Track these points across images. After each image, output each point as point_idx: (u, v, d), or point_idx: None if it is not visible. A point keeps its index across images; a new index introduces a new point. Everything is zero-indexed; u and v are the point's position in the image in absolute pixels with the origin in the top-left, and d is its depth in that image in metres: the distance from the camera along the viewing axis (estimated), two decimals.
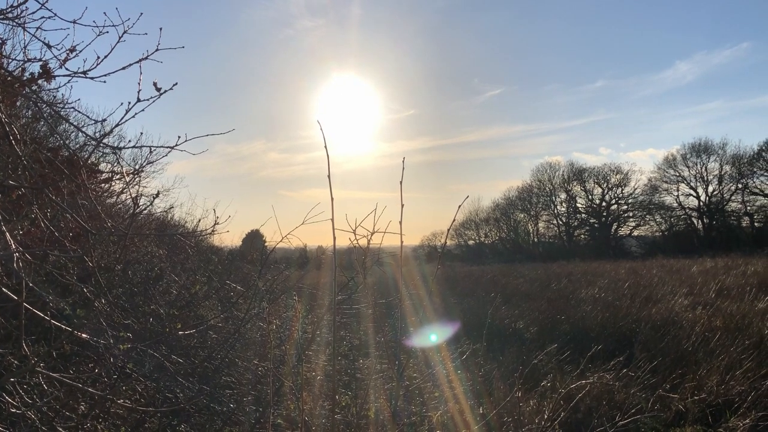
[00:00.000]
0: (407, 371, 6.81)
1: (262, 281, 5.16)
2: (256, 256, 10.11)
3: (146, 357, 4.08)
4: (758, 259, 25.58)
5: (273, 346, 4.85)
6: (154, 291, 6.54)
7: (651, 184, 57.12)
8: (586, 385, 6.62)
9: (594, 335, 9.91)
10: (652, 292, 15.13)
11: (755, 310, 11.43)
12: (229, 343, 4.79)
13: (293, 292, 7.33)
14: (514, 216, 65.04)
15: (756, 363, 7.48)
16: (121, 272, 6.29)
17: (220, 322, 5.56)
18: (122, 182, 6.42)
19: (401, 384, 5.86)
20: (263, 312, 4.83)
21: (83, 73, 3.42)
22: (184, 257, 8.87)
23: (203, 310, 6.54)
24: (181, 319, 5.73)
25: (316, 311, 8.18)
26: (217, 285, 6.33)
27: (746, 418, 5.99)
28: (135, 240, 7.09)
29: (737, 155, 52.73)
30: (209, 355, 4.75)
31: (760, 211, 53.03)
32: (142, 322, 5.42)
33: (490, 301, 14.08)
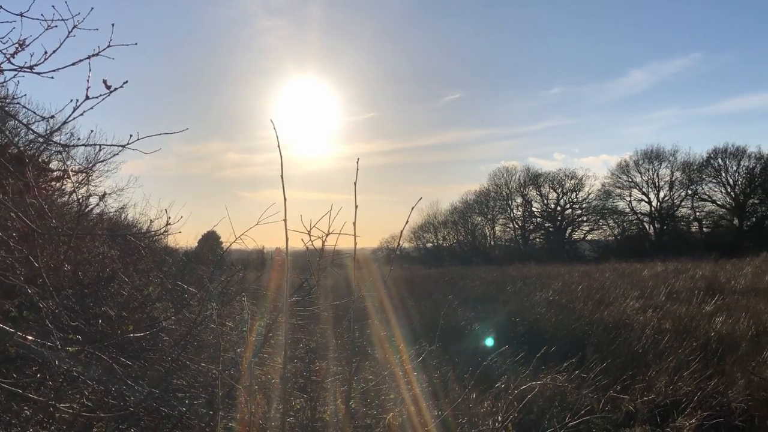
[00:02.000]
0: (364, 373, 6.80)
1: (215, 283, 5.08)
2: (211, 258, 9.96)
3: (95, 360, 3.97)
4: (706, 264, 26.36)
5: (226, 349, 4.78)
6: (106, 292, 6.38)
7: (604, 190, 58.38)
8: (539, 386, 6.71)
9: (548, 337, 10.06)
10: (605, 295, 15.44)
11: (703, 312, 11.77)
12: (181, 346, 4.70)
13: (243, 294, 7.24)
14: (472, 219, 65.63)
15: (702, 364, 7.70)
16: (71, 273, 6.12)
17: (173, 324, 5.45)
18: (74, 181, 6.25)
19: (357, 386, 5.84)
20: (218, 313, 4.76)
21: (29, 68, 3.32)
22: (136, 258, 8.68)
23: (156, 311, 6.41)
24: (132, 321, 5.61)
25: (271, 313, 8.09)
26: (171, 287, 6.21)
27: (692, 417, 6.16)
28: (86, 240, 6.91)
29: (687, 162, 54.33)
30: (160, 358, 4.65)
31: (708, 217, 54.74)
32: (93, 325, 5.28)
33: (446, 303, 14.16)
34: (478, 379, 7.22)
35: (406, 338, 9.02)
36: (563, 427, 3.59)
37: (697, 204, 54.47)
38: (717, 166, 52.76)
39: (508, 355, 8.52)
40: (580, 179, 59.53)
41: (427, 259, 62.11)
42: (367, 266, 19.05)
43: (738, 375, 7.16)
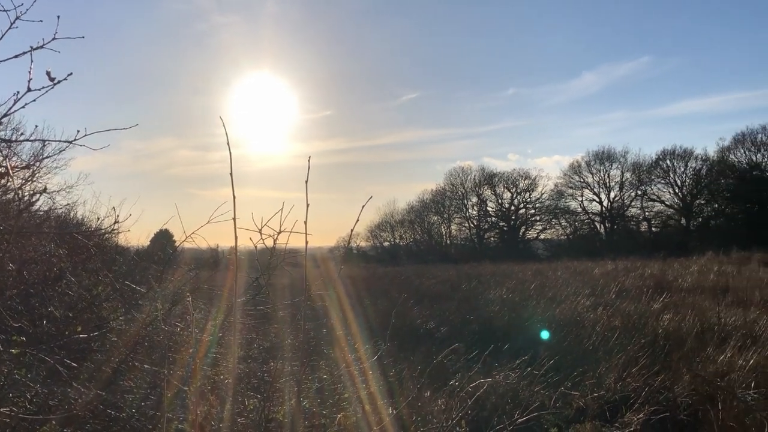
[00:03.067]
0: (318, 372, 6.77)
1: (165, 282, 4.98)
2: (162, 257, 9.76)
3: (39, 362, 3.85)
4: (655, 262, 27.12)
5: (176, 349, 4.69)
6: (53, 292, 6.19)
7: (557, 190, 59.54)
8: (492, 384, 6.79)
9: (501, 335, 10.18)
10: (557, 292, 15.72)
11: (651, 310, 12.10)
12: (130, 346, 4.59)
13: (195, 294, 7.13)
14: (428, 218, 66.07)
15: (650, 360, 7.91)
16: (16, 273, 5.92)
17: (122, 325, 5.32)
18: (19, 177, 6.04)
19: (311, 385, 5.81)
20: (167, 314, 4.66)
21: None
22: (86, 257, 8.45)
23: (104, 312, 6.25)
24: (80, 322, 5.45)
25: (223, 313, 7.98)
26: (119, 286, 6.06)
27: (640, 412, 6.32)
28: (32, 239, 6.69)
29: (637, 163, 55.86)
30: (108, 359, 4.54)
31: (657, 217, 56.39)
32: (38, 326, 5.12)
33: (402, 302, 14.21)
34: (433, 377, 7.27)
35: (361, 337, 9.01)
36: (512, 423, 3.64)
37: (646, 204, 56.08)
38: (665, 168, 54.42)
39: (462, 353, 8.60)
40: (534, 179, 60.63)
41: (384, 258, 62.26)
42: (324, 265, 18.99)
43: (683, 370, 7.37)
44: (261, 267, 2.90)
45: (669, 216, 56.04)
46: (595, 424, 6.51)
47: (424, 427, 5.23)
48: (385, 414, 5.14)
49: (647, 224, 56.69)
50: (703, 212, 54.44)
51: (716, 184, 52.62)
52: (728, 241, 36.51)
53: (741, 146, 52.41)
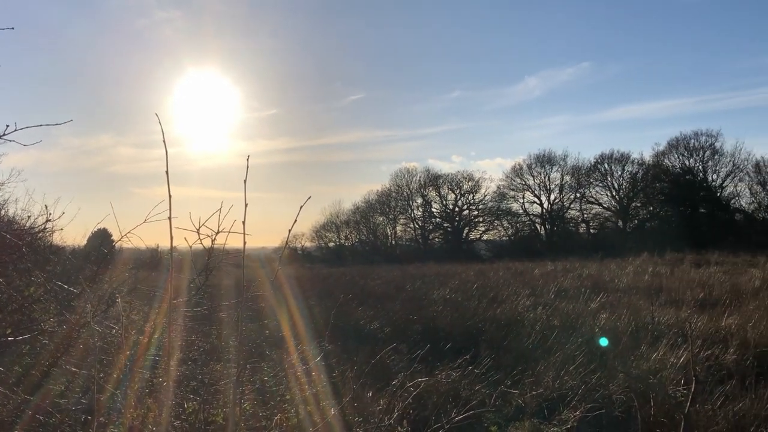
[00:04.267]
0: (260, 374, 6.68)
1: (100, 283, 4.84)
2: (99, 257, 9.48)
3: None
4: (592, 263, 27.89)
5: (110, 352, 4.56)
6: None
7: (499, 192, 60.58)
8: (434, 383, 6.85)
9: (444, 334, 10.28)
10: (498, 293, 15.99)
11: (588, 309, 12.41)
12: (62, 349, 4.44)
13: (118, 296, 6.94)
14: (374, 219, 66.18)
15: (587, 359, 8.10)
16: None
17: (54, 327, 5.14)
18: None
19: (252, 387, 5.74)
20: (102, 315, 4.53)
21: None
22: (17, 257, 8.12)
23: (36, 313, 6.02)
24: (10, 324, 5.24)
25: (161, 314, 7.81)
26: (50, 287, 5.84)
27: (576, 410, 6.47)
28: None
29: (576, 166, 57.38)
30: (37, 362, 4.38)
31: (595, 219, 58.07)
32: None
33: (346, 302, 14.18)
34: (376, 376, 7.28)
35: (305, 337, 8.95)
36: (449, 422, 3.69)
37: (585, 206, 57.72)
38: (603, 171, 56.10)
39: (405, 353, 8.64)
40: (477, 181, 61.52)
41: (329, 258, 62.05)
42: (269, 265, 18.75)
43: (618, 368, 7.59)
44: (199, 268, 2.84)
45: (606, 218, 57.77)
46: (534, 421, 6.64)
47: (366, 427, 5.23)
48: (326, 414, 5.12)
49: (586, 226, 58.35)
50: (638, 214, 56.33)
51: (651, 187, 54.50)
52: (662, 242, 37.84)
53: (675, 151, 54.53)
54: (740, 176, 52.28)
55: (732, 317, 10.65)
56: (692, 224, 49.22)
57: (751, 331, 9.23)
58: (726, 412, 6.13)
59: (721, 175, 53.21)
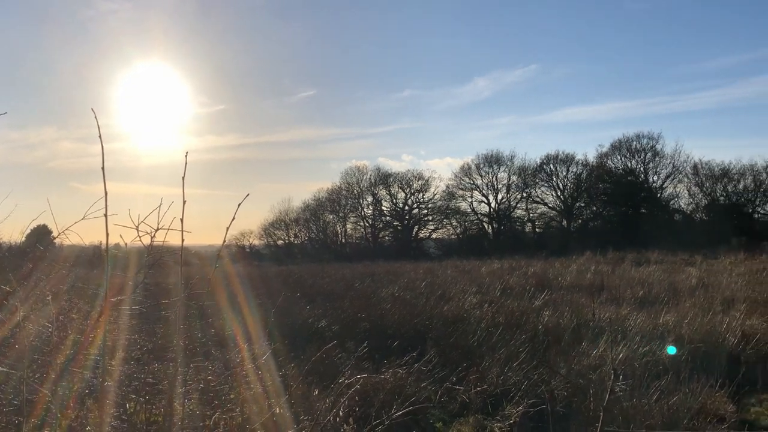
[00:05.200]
0: (204, 373, 6.58)
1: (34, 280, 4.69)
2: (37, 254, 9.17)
3: None
4: (537, 261, 28.46)
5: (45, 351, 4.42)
6: None
7: (448, 191, 61.15)
8: (381, 380, 6.88)
9: (391, 332, 10.31)
10: (446, 290, 16.15)
11: (532, 307, 12.66)
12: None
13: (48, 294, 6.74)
14: (324, 217, 65.92)
15: (530, 355, 8.26)
16: None
17: None
18: None
19: (196, 386, 5.65)
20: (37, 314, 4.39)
21: None
22: None
23: None
24: None
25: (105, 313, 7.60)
26: None
27: (519, 405, 6.61)
28: None
29: (523, 167, 58.44)
30: None
31: (540, 218, 59.25)
32: None
33: (294, 301, 14.10)
34: (323, 374, 7.27)
35: (251, 336, 8.86)
36: (389, 418, 3.72)
37: (531, 206, 58.85)
38: (549, 172, 57.29)
39: (352, 351, 8.65)
40: (427, 180, 61.95)
41: (278, 257, 61.51)
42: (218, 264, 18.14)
43: (560, 364, 7.78)
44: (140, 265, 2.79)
45: (551, 217, 59.01)
46: (478, 417, 6.75)
47: (312, 424, 5.22)
48: (271, 413, 5.09)
49: (531, 225, 59.48)
50: (582, 214, 57.74)
51: (595, 187, 55.93)
52: (605, 241, 38.98)
53: (618, 153, 56.08)
54: (679, 178, 54.27)
55: (669, 314, 11.03)
56: (633, 224, 50.75)
57: (686, 327, 9.59)
58: (661, 406, 6.36)
59: (661, 177, 55.09)
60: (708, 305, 12.17)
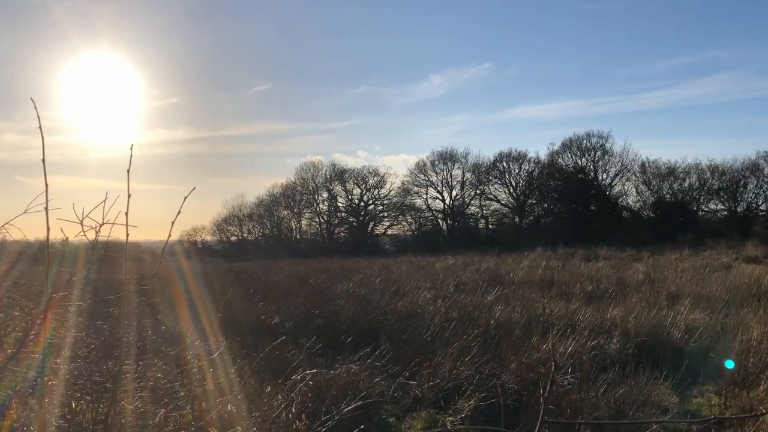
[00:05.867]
0: (153, 371, 6.47)
1: None
2: None
3: None
4: (490, 257, 28.86)
5: None
6: None
7: (404, 187, 61.34)
8: (334, 376, 6.88)
9: (345, 328, 10.33)
10: (401, 286, 16.22)
11: (485, 302, 12.82)
12: None
13: None
14: (278, 213, 65.42)
15: (482, 349, 8.37)
16: None
17: None
18: None
19: (145, 384, 5.55)
20: None
21: None
22: None
23: None
24: None
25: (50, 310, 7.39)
26: None
27: (471, 399, 6.69)
28: None
29: (477, 164, 59.04)
30: None
31: (493, 215, 60.05)
32: None
33: (248, 297, 13.97)
34: (276, 371, 7.23)
35: (203, 333, 8.74)
36: (338, 414, 3.73)
37: (484, 203, 59.58)
38: (502, 169, 58.04)
39: (305, 347, 8.62)
40: (382, 176, 62.01)
41: (231, 253, 60.82)
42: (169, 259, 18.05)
43: (511, 358, 7.90)
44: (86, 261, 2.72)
45: (504, 214, 59.84)
46: (430, 411, 6.81)
47: (264, 421, 5.19)
48: (223, 410, 5.04)
49: (485, 222, 60.21)
50: (534, 211, 58.69)
51: (546, 185, 56.88)
52: (556, 238, 39.75)
53: (568, 151, 57.15)
54: (627, 176, 55.55)
55: (617, 309, 11.32)
56: (583, 221, 51.89)
57: (632, 321, 9.85)
58: (608, 398, 6.54)
59: (610, 175, 56.33)
60: (654, 300, 12.54)
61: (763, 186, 49.87)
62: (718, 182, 51.30)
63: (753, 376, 7.22)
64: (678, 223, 47.81)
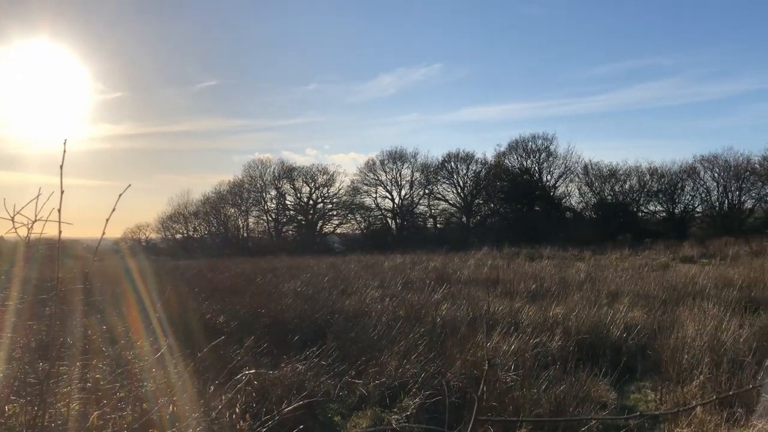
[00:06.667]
0: (92, 372, 6.30)
1: None
2: None
3: None
4: (438, 256, 29.13)
5: None
6: None
7: (353, 186, 61.42)
8: (279, 376, 6.84)
9: (292, 327, 10.26)
10: (348, 285, 16.21)
11: (432, 300, 12.93)
12: None
13: None
14: (225, 210, 64.52)
15: (428, 347, 8.44)
16: None
17: None
18: None
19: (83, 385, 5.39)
20: None
21: None
22: None
23: None
24: None
25: None
26: None
27: (416, 397, 6.75)
28: None
29: (426, 164, 59.59)
30: None
31: (441, 214, 60.71)
32: None
33: (193, 296, 13.73)
34: (219, 371, 7.12)
35: (145, 333, 8.55)
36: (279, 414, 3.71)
37: (433, 202, 60.20)
38: (450, 169, 58.75)
39: (251, 347, 8.53)
40: (332, 175, 61.91)
41: (176, 251, 59.74)
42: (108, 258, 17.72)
43: (456, 356, 7.99)
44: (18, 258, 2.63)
45: (452, 214, 60.55)
46: (376, 410, 6.84)
47: (207, 423, 5.11)
48: (164, 411, 4.95)
49: (433, 221, 60.81)
50: (481, 211, 59.57)
51: (493, 185, 57.81)
52: (501, 237, 40.48)
53: (514, 152, 58.20)
54: (571, 177, 56.95)
55: (559, 307, 11.58)
56: (528, 221, 52.87)
57: (574, 319, 10.09)
58: (549, 395, 6.68)
59: (554, 176, 57.62)
60: (595, 298, 12.86)
61: (700, 189, 51.88)
62: (657, 184, 53.09)
63: (687, 372, 7.49)
64: (619, 223, 49.23)
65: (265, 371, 6.75)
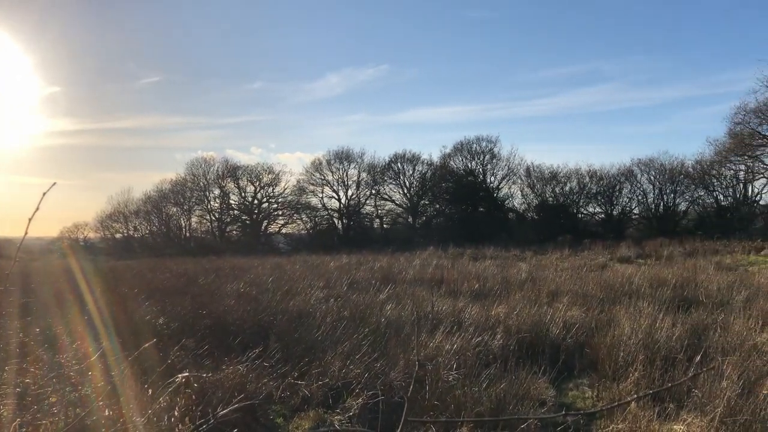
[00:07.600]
0: (23, 376, 6.08)
1: None
2: None
3: None
4: (384, 256, 29.22)
5: None
6: None
7: (299, 186, 60.94)
8: (221, 378, 6.74)
9: (234, 328, 10.11)
10: (293, 286, 16.08)
11: (377, 300, 12.96)
12: None
13: None
14: (167, 209, 63.11)
15: (372, 348, 8.47)
16: None
17: None
18: None
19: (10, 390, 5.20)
20: None
21: None
22: None
23: None
24: None
25: None
26: None
27: (359, 397, 6.76)
28: None
29: (372, 164, 59.65)
30: None
31: (388, 215, 60.88)
32: None
33: (131, 297, 13.38)
34: (160, 374, 6.97)
35: (81, 335, 8.30)
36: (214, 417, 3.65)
37: (379, 203, 60.32)
38: (396, 170, 59.02)
39: (191, 349, 8.39)
40: (277, 174, 61.29)
41: (116, 251, 58.19)
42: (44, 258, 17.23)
43: (400, 356, 8.04)
44: None
45: (398, 214, 60.83)
46: (319, 411, 6.82)
47: (147, 427, 5.00)
48: (100, 415, 4.81)
49: (380, 221, 60.92)
50: (426, 212, 60.02)
51: (438, 186, 58.33)
52: (446, 238, 40.93)
53: (459, 154, 58.88)
54: (514, 179, 57.93)
55: (501, 306, 11.78)
56: (472, 221, 53.63)
57: (515, 318, 10.28)
58: (490, 393, 6.80)
59: (498, 178, 58.52)
60: (535, 298, 13.15)
61: (637, 191, 53.49)
62: (596, 187, 54.48)
63: (622, 369, 7.73)
64: (559, 224, 50.42)
65: (205, 373, 6.63)
